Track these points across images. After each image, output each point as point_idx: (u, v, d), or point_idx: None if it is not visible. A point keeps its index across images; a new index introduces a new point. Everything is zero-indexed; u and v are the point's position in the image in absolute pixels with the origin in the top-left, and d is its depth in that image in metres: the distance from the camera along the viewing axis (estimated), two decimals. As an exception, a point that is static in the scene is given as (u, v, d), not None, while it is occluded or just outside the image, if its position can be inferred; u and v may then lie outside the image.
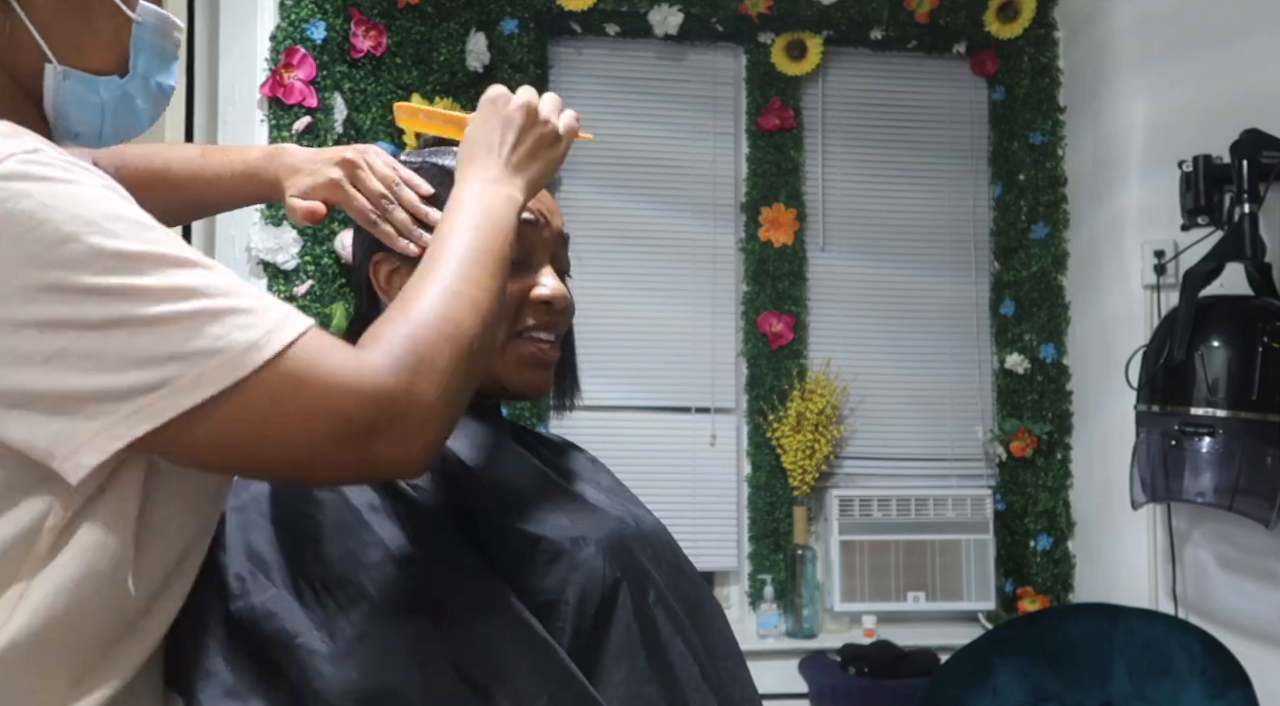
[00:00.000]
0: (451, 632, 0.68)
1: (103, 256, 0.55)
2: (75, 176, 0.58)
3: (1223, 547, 2.08)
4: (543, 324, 0.85)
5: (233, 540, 0.73)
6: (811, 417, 2.48)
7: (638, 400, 2.55)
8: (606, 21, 2.54)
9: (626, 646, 0.72)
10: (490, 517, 0.74)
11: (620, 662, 0.72)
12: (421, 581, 0.69)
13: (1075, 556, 2.51)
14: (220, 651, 0.68)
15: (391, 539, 0.71)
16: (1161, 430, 1.91)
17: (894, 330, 2.65)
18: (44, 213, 0.54)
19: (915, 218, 2.69)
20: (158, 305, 0.56)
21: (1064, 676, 1.74)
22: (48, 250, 0.54)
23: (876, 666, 2.19)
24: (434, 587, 0.69)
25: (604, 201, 2.57)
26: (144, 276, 0.56)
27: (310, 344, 0.59)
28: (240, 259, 2.04)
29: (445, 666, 0.67)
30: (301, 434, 0.58)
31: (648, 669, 0.73)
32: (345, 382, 0.59)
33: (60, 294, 0.54)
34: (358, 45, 2.16)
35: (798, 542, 2.49)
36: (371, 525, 0.71)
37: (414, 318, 0.64)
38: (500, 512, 0.75)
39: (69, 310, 0.54)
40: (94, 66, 0.68)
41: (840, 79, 2.70)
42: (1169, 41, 2.21)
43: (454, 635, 0.68)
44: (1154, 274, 2.18)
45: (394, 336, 0.62)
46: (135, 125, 0.73)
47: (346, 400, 0.58)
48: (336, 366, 0.59)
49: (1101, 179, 2.38)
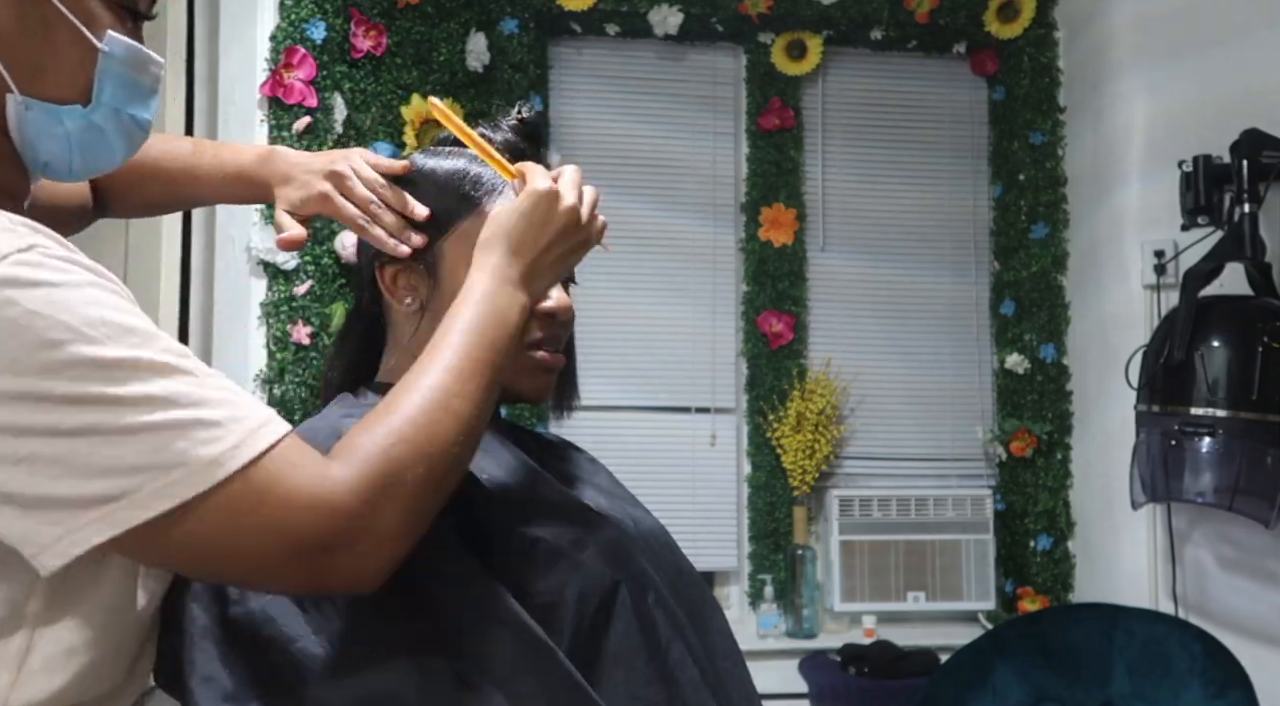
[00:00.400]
0: (450, 635, 0.68)
1: (79, 365, 0.56)
2: (64, 277, 0.58)
3: (1223, 547, 2.08)
4: (549, 336, 0.87)
5: None
6: (811, 417, 2.48)
7: (638, 400, 2.55)
8: (606, 21, 2.54)
9: (626, 648, 0.72)
10: (490, 520, 0.74)
11: (620, 664, 0.72)
12: (420, 584, 0.69)
13: (1075, 556, 2.51)
14: (218, 655, 0.68)
15: None
16: (1161, 430, 1.91)
17: (894, 330, 2.65)
18: (27, 319, 0.55)
19: (915, 218, 2.69)
20: (127, 415, 0.56)
21: (1064, 676, 1.74)
22: (27, 357, 0.55)
23: (876, 666, 2.19)
24: (433, 590, 0.69)
25: (604, 201, 2.56)
26: (117, 385, 0.57)
27: (276, 458, 0.59)
28: (240, 259, 2.04)
29: (444, 669, 0.67)
30: (255, 548, 0.59)
31: (647, 670, 0.73)
32: (304, 500, 0.59)
33: (34, 401, 0.55)
34: (358, 45, 2.16)
35: (798, 542, 2.49)
36: None
37: (393, 430, 0.63)
38: (500, 515, 0.75)
39: (41, 417, 0.55)
40: (55, 96, 0.67)
41: (840, 79, 2.70)
42: (1169, 41, 2.21)
43: (453, 638, 0.68)
44: (1154, 274, 2.18)
45: (367, 451, 0.62)
46: (106, 158, 0.72)
47: (303, 517, 0.59)
48: (299, 482, 0.59)
49: (1101, 179, 2.38)
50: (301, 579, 0.61)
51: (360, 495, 0.60)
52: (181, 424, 0.57)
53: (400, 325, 0.86)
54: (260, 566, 0.60)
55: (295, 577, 0.61)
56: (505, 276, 0.74)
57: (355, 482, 0.60)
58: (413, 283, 0.84)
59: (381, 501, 0.61)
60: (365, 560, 0.61)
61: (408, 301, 0.84)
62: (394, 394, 0.66)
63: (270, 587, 0.66)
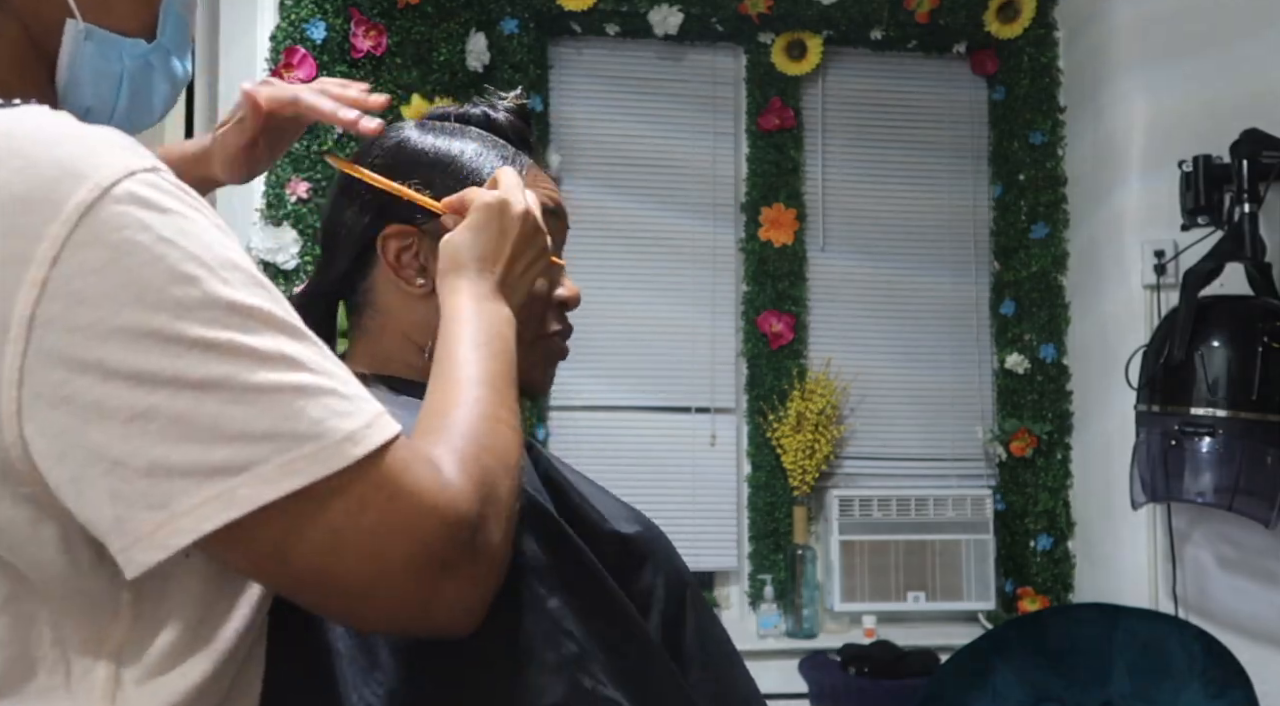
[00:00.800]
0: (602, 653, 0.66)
1: (214, 306, 0.48)
2: (193, 210, 0.51)
3: (1223, 547, 2.08)
4: (564, 325, 0.84)
5: None
6: (811, 417, 2.48)
7: (638, 400, 2.55)
8: (606, 21, 2.54)
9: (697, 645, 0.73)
10: (586, 520, 0.71)
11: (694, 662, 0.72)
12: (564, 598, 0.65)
13: (1075, 556, 2.51)
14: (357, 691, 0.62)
15: (529, 551, 0.66)
16: (1161, 430, 1.91)
17: (894, 330, 2.65)
18: (161, 248, 0.48)
19: (915, 218, 2.69)
20: (262, 371, 0.48)
21: (1064, 676, 1.74)
22: (158, 291, 0.47)
23: (876, 666, 2.19)
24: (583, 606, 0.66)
25: (604, 201, 2.57)
26: (253, 335, 0.49)
27: (401, 450, 0.52)
28: (240, 259, 2.04)
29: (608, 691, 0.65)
30: (377, 553, 0.50)
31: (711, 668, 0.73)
32: (431, 502, 0.51)
33: (163, 342, 0.47)
34: (358, 45, 2.16)
35: (798, 542, 2.49)
36: None
37: (473, 438, 0.57)
38: (588, 513, 0.72)
39: (169, 362, 0.47)
40: (121, 26, 0.61)
41: (840, 79, 2.70)
42: (1169, 41, 2.21)
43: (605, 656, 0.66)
44: (1154, 274, 2.18)
45: (460, 458, 0.55)
46: (149, 109, 0.66)
47: (430, 523, 0.51)
48: (422, 481, 0.52)
49: (1101, 179, 2.38)
50: (417, 603, 0.51)
51: (474, 504, 0.53)
52: (318, 390, 0.50)
53: (398, 309, 0.77)
54: (374, 578, 0.50)
55: (411, 600, 0.51)
56: (481, 294, 0.69)
57: (470, 489, 0.53)
58: (424, 259, 0.76)
59: (488, 513, 0.54)
60: (477, 585, 0.53)
61: (420, 282, 0.76)
62: (437, 413, 0.59)
63: (375, 612, 0.53)
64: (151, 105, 0.66)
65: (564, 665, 0.63)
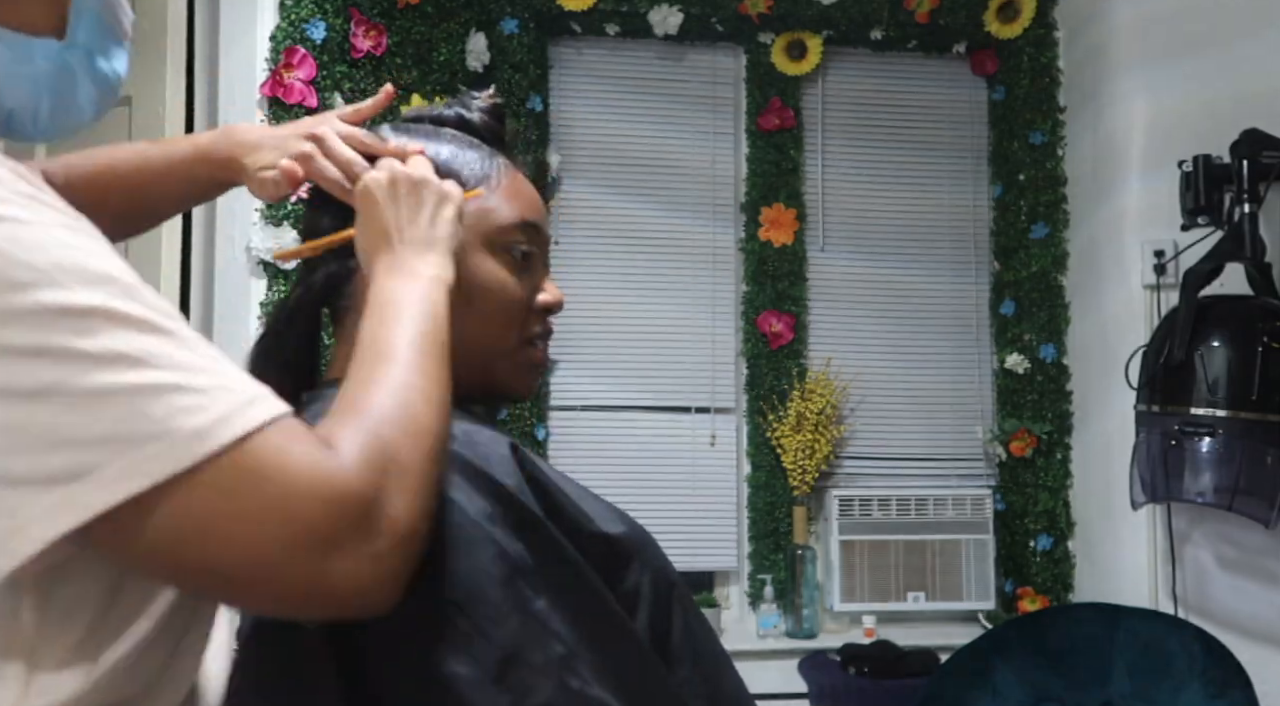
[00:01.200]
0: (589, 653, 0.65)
1: (43, 312, 0.47)
2: (30, 215, 0.50)
3: (1223, 547, 2.08)
4: (546, 329, 0.83)
5: None
6: (811, 417, 2.48)
7: (638, 400, 2.55)
8: (606, 21, 2.54)
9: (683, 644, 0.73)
10: (571, 521, 0.71)
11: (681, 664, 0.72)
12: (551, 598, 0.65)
13: (1075, 556, 2.51)
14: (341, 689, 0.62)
15: (515, 552, 0.65)
16: (1161, 430, 1.91)
17: (894, 330, 2.65)
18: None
19: (915, 218, 2.69)
20: (95, 374, 0.48)
21: (1064, 676, 1.74)
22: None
23: (876, 666, 2.19)
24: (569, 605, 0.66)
25: (604, 201, 2.57)
26: (86, 338, 0.48)
27: (272, 436, 0.51)
28: (240, 259, 2.04)
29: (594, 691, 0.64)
30: (250, 542, 0.49)
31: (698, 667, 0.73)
32: (307, 481, 0.51)
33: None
34: (358, 45, 2.16)
35: (798, 542, 2.49)
36: (495, 537, 0.65)
37: (373, 413, 0.57)
38: (574, 514, 0.72)
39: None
40: (28, 25, 0.60)
41: (840, 79, 2.70)
42: (1169, 41, 2.21)
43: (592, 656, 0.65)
44: (1154, 274, 2.18)
45: (356, 433, 0.55)
46: (76, 111, 0.65)
47: (309, 503, 0.50)
48: (299, 462, 0.51)
49: (1101, 179, 2.38)
50: (304, 585, 0.51)
51: (369, 478, 0.53)
52: (159, 388, 0.49)
53: None
54: (254, 566, 0.50)
55: (296, 583, 0.51)
56: (393, 267, 0.69)
57: (361, 463, 0.53)
58: None
59: (389, 489, 0.54)
60: (376, 561, 0.52)
61: None
62: (348, 390, 0.60)
63: (263, 598, 0.53)
64: (79, 107, 0.65)
65: (550, 665, 0.63)
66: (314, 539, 0.50)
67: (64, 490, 0.47)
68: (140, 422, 0.48)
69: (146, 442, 0.48)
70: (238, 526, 0.49)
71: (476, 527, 0.64)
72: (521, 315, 0.79)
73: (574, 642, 0.64)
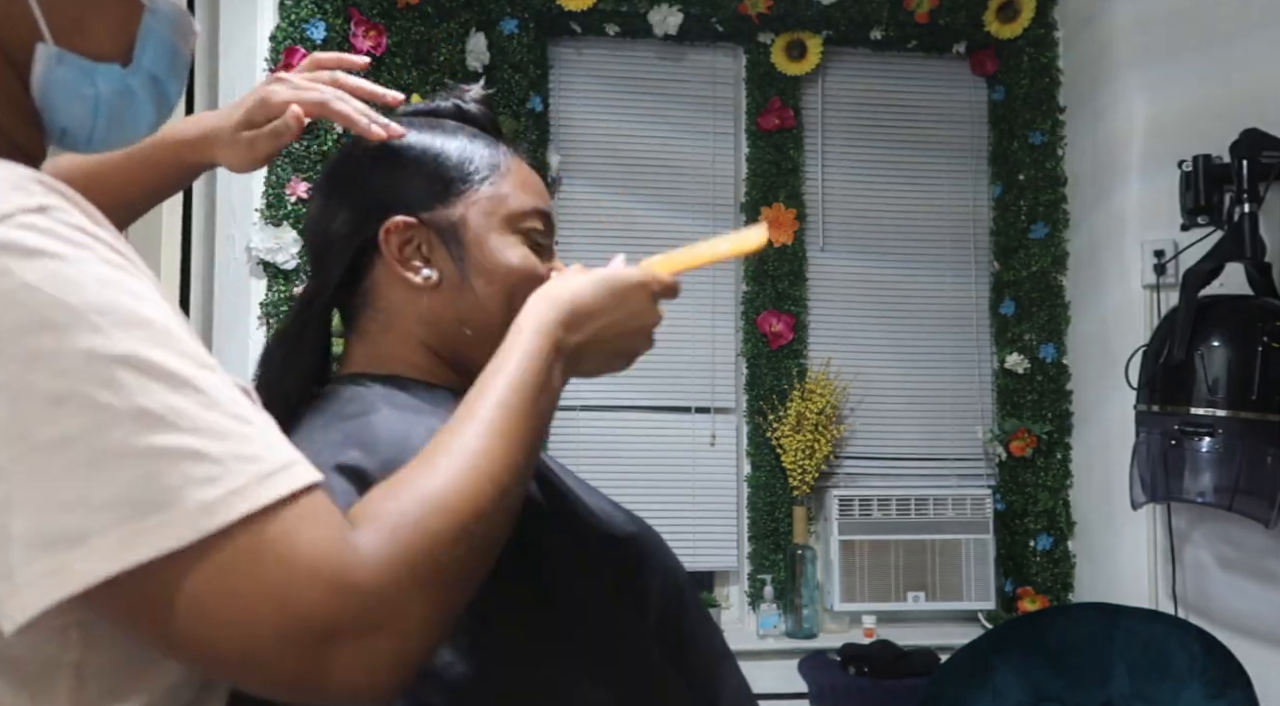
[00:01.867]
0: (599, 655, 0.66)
1: (71, 355, 0.45)
2: (74, 251, 0.48)
3: (1223, 547, 2.08)
4: None
5: None
6: (811, 417, 2.48)
7: (638, 400, 2.55)
8: (606, 21, 2.54)
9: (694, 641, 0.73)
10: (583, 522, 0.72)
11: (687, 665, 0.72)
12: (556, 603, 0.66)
13: (1075, 556, 2.51)
14: None
15: None
16: (1161, 430, 1.91)
17: (894, 330, 2.65)
18: (21, 294, 0.45)
19: (915, 218, 2.69)
20: (115, 431, 0.45)
21: (1064, 676, 1.74)
22: (13, 339, 0.45)
23: (876, 666, 2.19)
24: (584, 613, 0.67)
25: (604, 201, 2.57)
26: (109, 390, 0.46)
27: (289, 514, 0.48)
28: (240, 259, 2.04)
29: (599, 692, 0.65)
30: (241, 622, 0.47)
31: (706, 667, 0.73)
32: (313, 568, 0.48)
33: (11, 396, 0.45)
34: (358, 45, 2.16)
35: (798, 542, 2.49)
36: None
37: (430, 497, 0.53)
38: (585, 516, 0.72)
39: (14, 419, 0.45)
40: (94, 52, 0.59)
41: (840, 79, 2.70)
42: (1169, 41, 2.21)
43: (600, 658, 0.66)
44: (1154, 274, 2.18)
45: (397, 520, 0.51)
46: (134, 128, 0.64)
47: (310, 591, 0.47)
48: (308, 546, 0.48)
49: (1101, 179, 2.38)
50: (299, 673, 0.48)
51: (387, 573, 0.49)
52: (177, 453, 0.46)
53: (400, 305, 0.77)
54: (245, 649, 0.47)
55: (291, 669, 0.48)
56: (557, 342, 0.66)
57: (382, 557, 0.50)
58: (427, 251, 0.76)
59: (411, 585, 0.50)
60: (378, 657, 0.49)
61: (425, 272, 0.75)
62: (428, 452, 0.57)
63: (253, 682, 0.50)
64: (136, 127, 0.64)
65: None
66: (309, 629, 0.48)
67: (62, 556, 0.45)
68: (150, 490, 0.46)
69: (151, 512, 0.45)
70: (231, 608, 0.47)
71: None
72: None
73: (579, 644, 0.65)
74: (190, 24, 0.65)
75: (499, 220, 0.77)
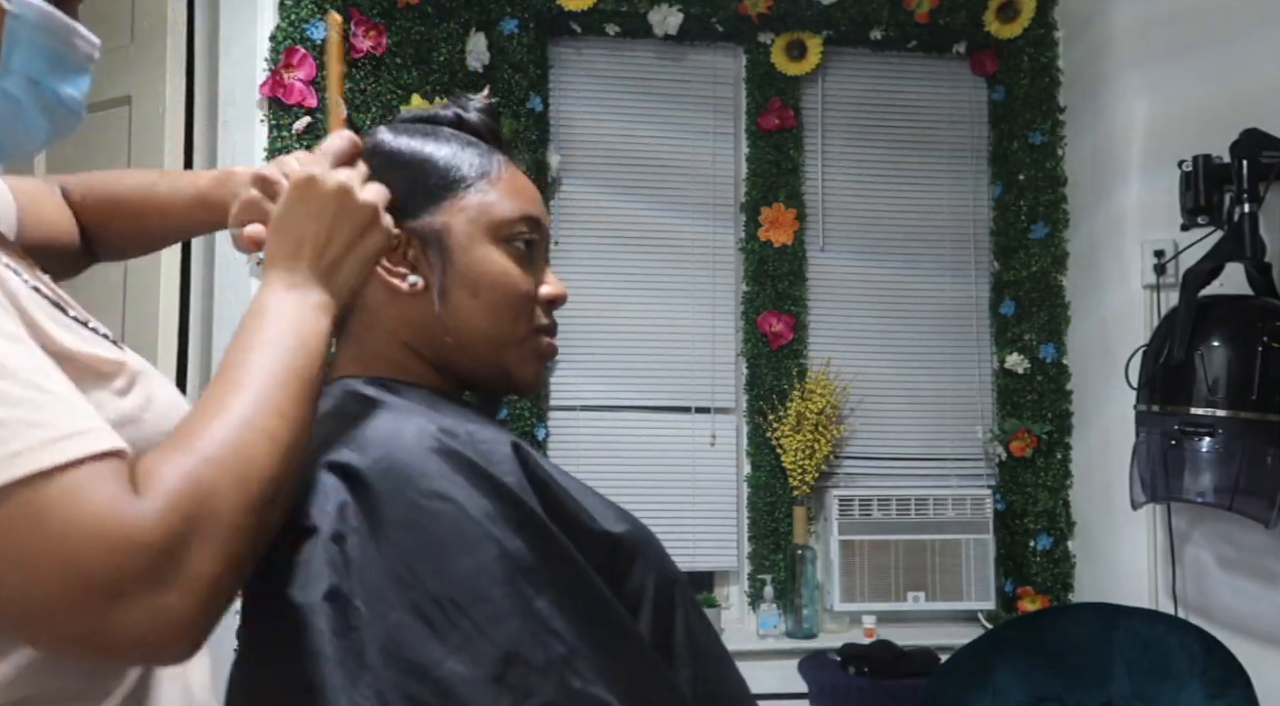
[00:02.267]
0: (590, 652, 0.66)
1: None
2: None
3: (1223, 547, 2.08)
4: (551, 323, 0.84)
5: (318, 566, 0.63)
6: (811, 417, 2.48)
7: (638, 400, 2.55)
8: (606, 21, 2.54)
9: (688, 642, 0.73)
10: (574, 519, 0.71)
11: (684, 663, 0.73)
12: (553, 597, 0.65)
13: (1075, 556, 2.51)
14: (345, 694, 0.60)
15: (517, 551, 0.66)
16: (1161, 430, 1.91)
17: (894, 330, 2.65)
18: None
19: (915, 218, 2.69)
20: None
21: (1064, 676, 1.74)
22: None
23: (876, 666, 2.19)
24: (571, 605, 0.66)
25: (604, 201, 2.57)
26: None
27: (71, 477, 0.49)
28: (240, 259, 2.04)
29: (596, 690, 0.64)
30: (27, 584, 0.48)
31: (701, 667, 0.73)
32: (93, 528, 0.49)
33: None
34: (358, 45, 2.16)
35: (798, 542, 2.49)
36: (497, 536, 0.65)
37: (197, 451, 0.54)
38: (577, 513, 0.72)
39: None
40: None
41: (840, 79, 2.70)
42: (1169, 41, 2.21)
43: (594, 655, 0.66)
44: (1154, 274, 2.18)
45: (170, 474, 0.52)
46: (26, 136, 0.65)
47: (91, 549, 0.48)
48: (90, 506, 0.49)
49: (1101, 179, 2.38)
50: (86, 630, 0.49)
51: (165, 527, 0.50)
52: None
53: (383, 308, 0.78)
54: (33, 608, 0.48)
55: (78, 627, 0.49)
56: (288, 282, 0.66)
57: (163, 508, 0.51)
58: (413, 258, 0.78)
59: (191, 537, 0.51)
60: (165, 612, 0.50)
61: (410, 279, 0.77)
62: (189, 419, 0.57)
63: (43, 641, 0.51)
64: (28, 132, 0.64)
65: (551, 665, 0.63)
66: (91, 587, 0.48)
67: None
68: None
69: None
70: (13, 567, 0.48)
71: (478, 526, 0.64)
72: (529, 306, 0.80)
73: (575, 642, 0.65)
74: (68, 27, 0.65)
75: (483, 229, 0.78)
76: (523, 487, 0.68)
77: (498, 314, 0.78)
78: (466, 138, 0.83)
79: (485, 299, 0.77)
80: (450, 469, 0.66)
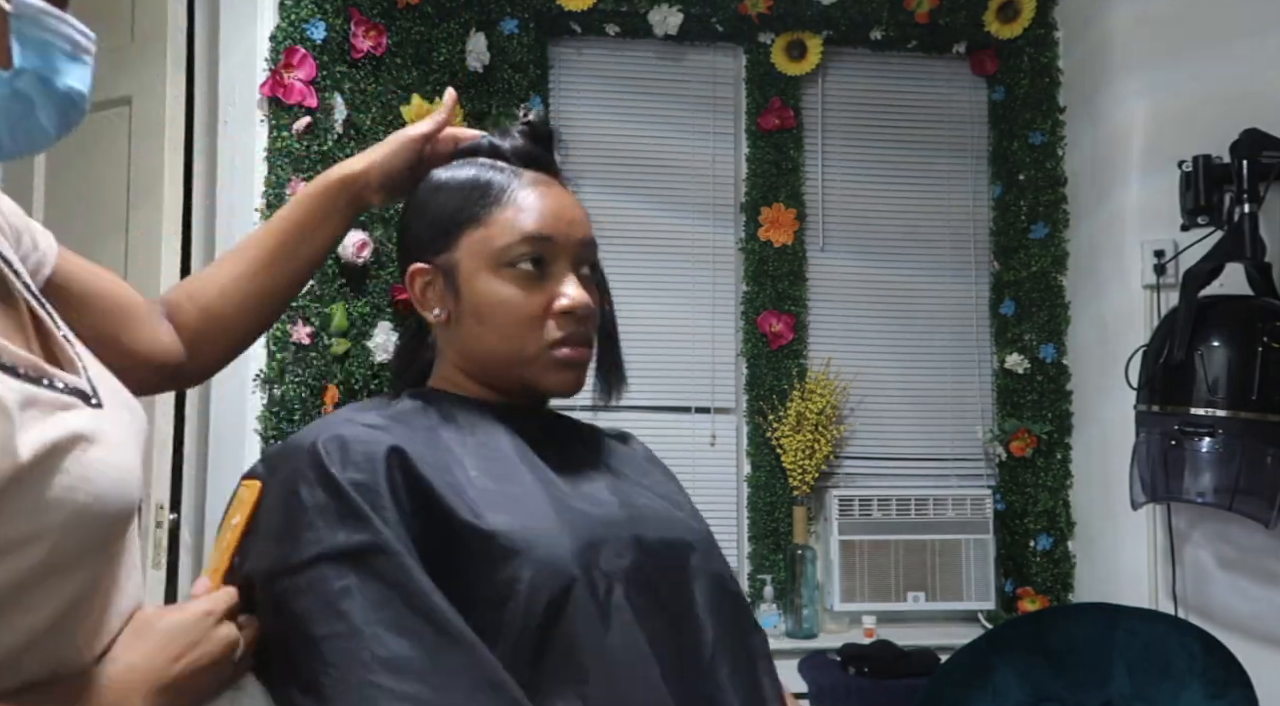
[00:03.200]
0: (385, 635, 0.70)
1: None
2: None
3: (1223, 547, 2.08)
4: (568, 333, 0.86)
5: None
6: (811, 418, 2.48)
7: (637, 400, 2.54)
8: (606, 21, 2.54)
9: (569, 642, 0.73)
10: (442, 513, 0.75)
11: (570, 661, 0.72)
12: (356, 581, 0.72)
13: (1075, 556, 2.51)
14: None
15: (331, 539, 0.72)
16: (1161, 430, 1.91)
17: (894, 330, 2.65)
18: None
19: (915, 218, 2.69)
20: None
21: (1064, 676, 1.73)
22: None
23: (876, 666, 2.19)
24: (374, 591, 0.71)
25: (604, 201, 2.57)
26: None
27: None
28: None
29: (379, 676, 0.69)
30: None
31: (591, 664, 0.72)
32: None
33: None
34: (358, 45, 2.16)
35: (798, 542, 2.49)
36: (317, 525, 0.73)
37: None
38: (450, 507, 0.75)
39: None
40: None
41: (840, 79, 2.70)
42: (1169, 41, 2.21)
43: (386, 638, 0.70)
44: (1154, 274, 2.18)
45: None
46: (40, 134, 0.66)
47: None
48: None
49: (1101, 179, 2.38)
50: None
51: None
52: None
53: (439, 335, 0.92)
54: None
55: None
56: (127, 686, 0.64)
57: None
58: (439, 293, 0.88)
59: None
60: None
61: (435, 312, 0.88)
62: None
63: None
64: (40, 128, 0.65)
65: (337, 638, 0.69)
66: None
67: None
68: None
69: None
70: None
71: (303, 514, 0.72)
72: (536, 324, 0.85)
73: (367, 624, 0.69)
74: (64, 20, 0.65)
75: (483, 261, 0.85)
76: (369, 485, 0.73)
77: (506, 337, 0.86)
78: (488, 163, 0.90)
79: (491, 325, 0.85)
80: (305, 465, 0.74)
